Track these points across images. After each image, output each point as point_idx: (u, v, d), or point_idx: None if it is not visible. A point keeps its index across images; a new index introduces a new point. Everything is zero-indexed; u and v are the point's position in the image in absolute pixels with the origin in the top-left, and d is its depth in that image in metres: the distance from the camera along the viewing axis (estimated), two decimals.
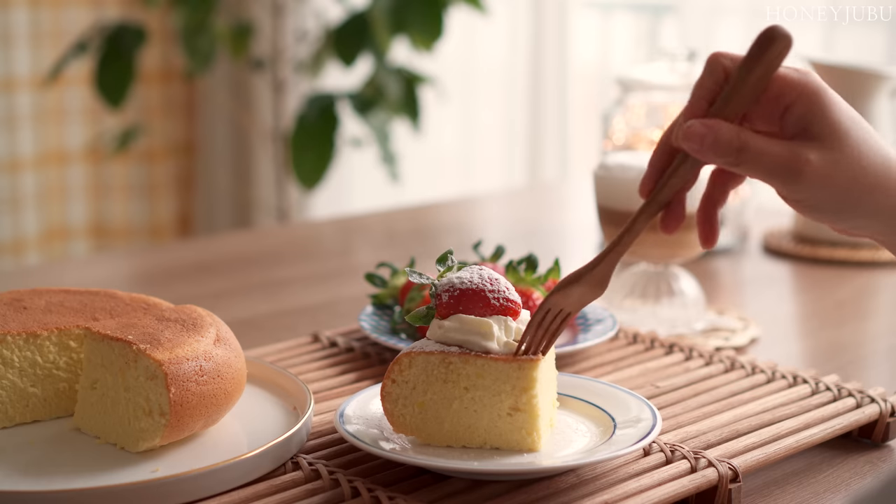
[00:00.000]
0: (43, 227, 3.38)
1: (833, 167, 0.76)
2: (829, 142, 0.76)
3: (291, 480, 0.83)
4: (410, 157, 3.38)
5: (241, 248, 1.79)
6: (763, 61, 0.77)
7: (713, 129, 0.76)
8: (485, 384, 0.85)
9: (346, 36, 2.84)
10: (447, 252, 0.90)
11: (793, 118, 0.77)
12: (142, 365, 0.86)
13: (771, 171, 0.76)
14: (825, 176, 0.76)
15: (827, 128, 0.76)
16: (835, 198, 0.77)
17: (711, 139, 0.76)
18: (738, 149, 0.76)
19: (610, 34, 3.38)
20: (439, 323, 0.87)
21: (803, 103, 0.77)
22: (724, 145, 0.76)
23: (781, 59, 0.77)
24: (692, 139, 0.77)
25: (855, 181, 0.76)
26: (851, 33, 2.76)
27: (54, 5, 3.30)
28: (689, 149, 0.77)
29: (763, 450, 0.90)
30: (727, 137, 0.76)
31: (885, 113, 1.61)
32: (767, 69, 0.77)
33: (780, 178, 0.77)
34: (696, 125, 0.77)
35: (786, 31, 0.76)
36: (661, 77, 1.58)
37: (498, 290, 0.86)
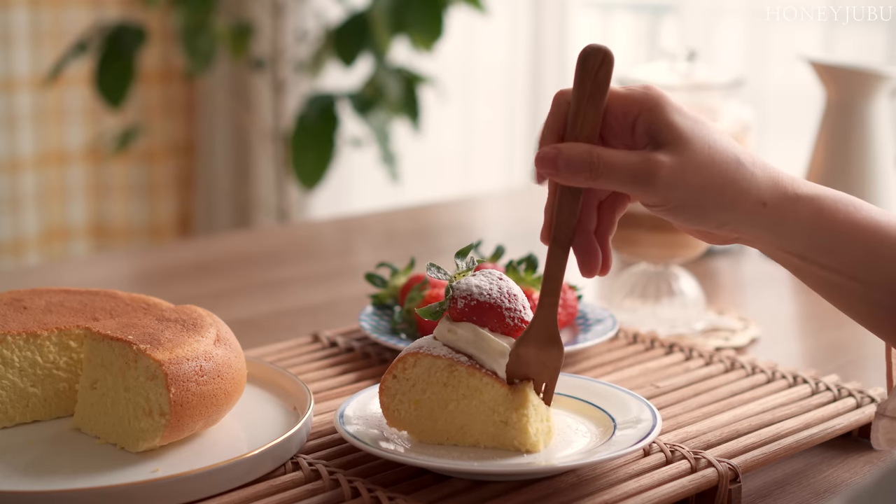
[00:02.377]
0: (43, 227, 3.38)
1: (685, 166, 0.79)
2: (677, 144, 0.80)
3: (291, 480, 0.84)
4: (410, 157, 3.38)
5: (241, 248, 1.79)
6: (588, 79, 0.80)
7: (562, 150, 0.80)
8: (483, 399, 0.85)
9: (346, 36, 2.84)
10: (468, 246, 0.89)
11: (640, 130, 0.81)
12: (142, 365, 0.86)
13: (627, 179, 0.79)
14: (678, 175, 0.79)
15: (672, 132, 0.80)
16: (692, 196, 0.80)
17: (564, 159, 0.79)
18: (591, 163, 0.79)
19: (610, 34, 3.38)
20: (450, 326, 0.86)
21: (647, 114, 0.81)
22: (576, 162, 0.79)
23: (605, 71, 0.81)
24: (545, 164, 0.80)
25: (709, 177, 0.80)
26: (851, 33, 2.76)
27: (54, 5, 3.30)
28: (547, 174, 0.80)
29: (763, 450, 0.90)
30: (578, 153, 0.79)
31: (885, 113, 1.61)
32: (595, 85, 0.80)
33: (637, 184, 0.80)
34: (545, 150, 0.80)
35: (600, 46, 0.81)
36: (661, 77, 1.58)
37: (515, 308, 0.86)
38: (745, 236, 0.84)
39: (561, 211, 0.82)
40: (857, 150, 1.59)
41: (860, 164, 1.59)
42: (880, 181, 1.60)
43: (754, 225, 0.82)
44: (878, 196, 1.60)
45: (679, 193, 0.80)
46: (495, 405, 0.84)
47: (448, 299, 0.86)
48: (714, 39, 2.99)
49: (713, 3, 3.00)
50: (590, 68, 0.81)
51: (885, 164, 1.61)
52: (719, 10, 3.00)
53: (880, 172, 1.60)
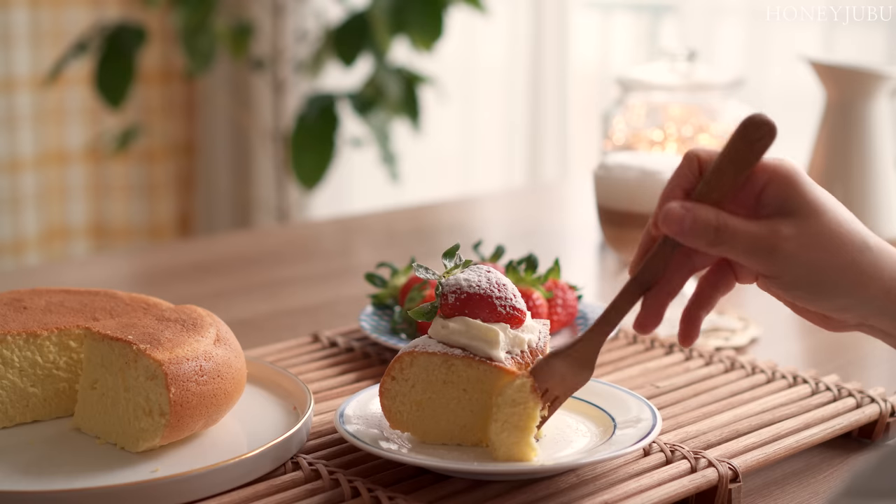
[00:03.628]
0: (43, 227, 3.38)
1: (808, 239, 0.77)
2: (805, 216, 0.77)
3: (291, 480, 0.84)
4: (410, 157, 3.38)
5: (241, 248, 1.78)
6: (745, 147, 0.78)
7: (691, 210, 0.77)
8: (484, 389, 0.85)
9: (346, 36, 2.84)
10: (454, 247, 0.89)
11: (768, 198, 0.78)
12: (142, 365, 0.86)
13: (749, 249, 0.77)
14: (801, 248, 0.77)
15: (802, 203, 0.78)
16: (813, 272, 0.77)
17: (690, 220, 0.77)
18: (717, 228, 0.77)
19: (610, 34, 3.38)
20: (443, 322, 0.86)
21: (778, 183, 0.78)
22: (702, 226, 0.77)
23: (763, 146, 0.77)
24: (671, 222, 0.78)
25: (833, 254, 0.77)
26: (851, 33, 2.76)
27: (54, 5, 3.30)
28: (669, 231, 0.78)
29: (763, 450, 0.90)
30: (705, 218, 0.77)
31: (885, 113, 1.61)
32: (749, 155, 0.78)
33: (758, 255, 0.77)
34: (674, 207, 0.78)
35: (768, 120, 0.77)
36: (661, 77, 1.58)
37: (505, 297, 0.86)
38: (866, 324, 0.81)
39: (655, 257, 0.80)
40: (857, 150, 1.59)
41: (860, 164, 1.59)
42: (880, 181, 1.60)
43: (878, 312, 0.79)
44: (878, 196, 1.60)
45: (799, 268, 0.77)
46: (496, 390, 0.84)
47: (439, 297, 0.87)
48: (714, 39, 2.99)
49: (713, 3, 3.00)
50: (750, 137, 0.77)
51: (885, 164, 1.61)
52: (719, 10, 3.00)
53: (880, 172, 1.60)
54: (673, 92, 1.56)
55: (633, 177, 1.22)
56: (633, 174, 1.22)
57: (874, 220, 1.58)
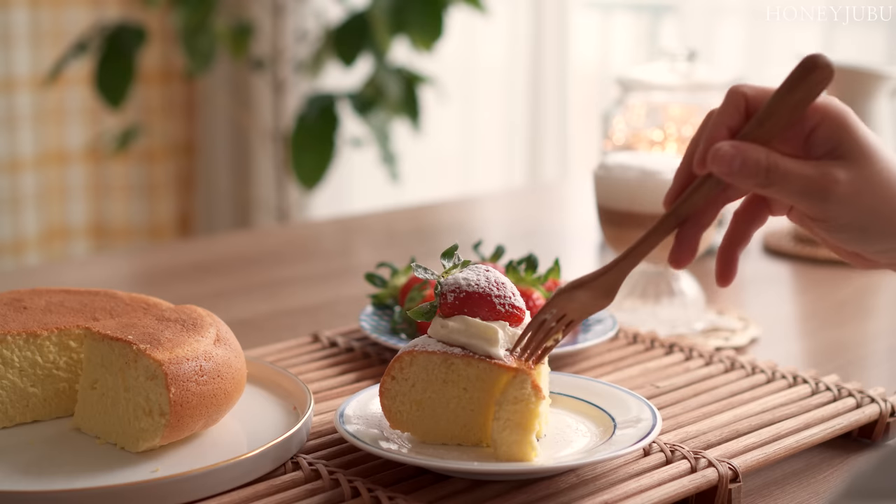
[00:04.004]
0: (43, 227, 3.38)
1: (861, 185, 0.76)
2: (857, 160, 0.76)
3: (291, 480, 0.83)
4: (410, 157, 3.38)
5: (241, 248, 1.79)
6: (803, 88, 0.76)
7: (741, 150, 0.76)
8: (484, 387, 0.85)
9: (346, 36, 2.84)
10: (453, 247, 0.89)
11: (819, 140, 0.77)
12: (142, 365, 0.86)
13: (800, 191, 0.76)
14: (853, 193, 0.76)
15: (855, 147, 0.76)
16: (862, 216, 0.77)
17: (740, 161, 0.76)
18: (767, 169, 0.76)
19: (610, 34, 3.38)
20: (442, 322, 0.86)
21: (829, 125, 0.77)
22: (752, 166, 0.76)
23: (821, 88, 0.76)
24: (721, 162, 0.76)
25: (883, 200, 0.76)
26: (851, 33, 2.76)
27: (54, 5, 3.30)
28: (718, 171, 0.76)
29: (763, 450, 0.90)
30: (755, 158, 0.76)
31: (885, 113, 1.61)
32: (806, 96, 0.76)
33: (810, 198, 0.76)
34: (724, 147, 0.76)
35: (827, 61, 0.76)
36: (661, 77, 1.58)
37: (504, 295, 0.86)
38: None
39: (697, 191, 0.79)
40: None
41: None
42: None
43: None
44: None
45: (849, 212, 0.76)
46: (496, 388, 0.84)
47: (438, 296, 0.87)
48: (714, 39, 2.99)
49: (713, 3, 3.00)
50: (811, 80, 0.76)
51: None
52: (719, 10, 3.00)
53: None
54: (673, 92, 1.56)
55: (633, 177, 1.22)
56: (633, 174, 1.22)
57: None
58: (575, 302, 0.82)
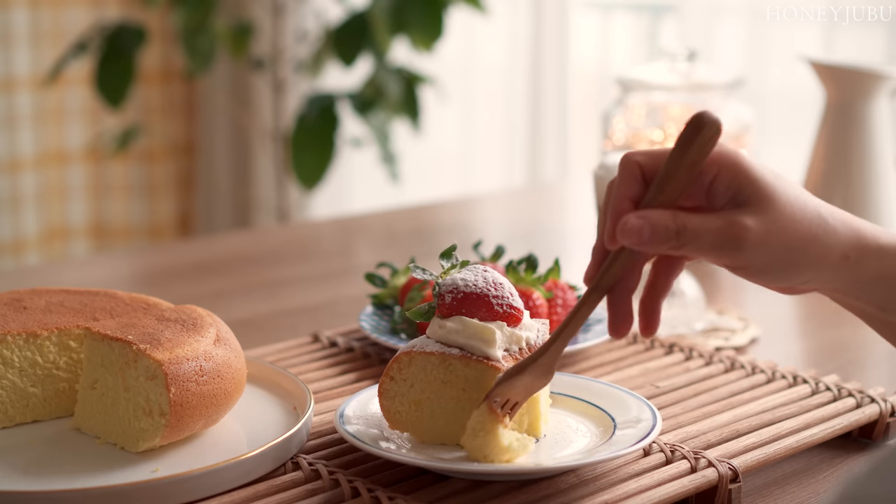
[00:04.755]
0: (43, 227, 3.38)
1: (770, 227, 0.77)
2: (761, 204, 0.77)
3: (291, 480, 0.84)
4: (410, 157, 3.38)
5: (241, 248, 1.78)
6: (695, 147, 0.77)
7: (648, 218, 0.76)
8: (482, 387, 0.85)
9: (346, 36, 2.84)
10: (451, 247, 0.89)
11: (719, 189, 0.78)
12: (142, 365, 0.86)
13: (713, 246, 0.77)
14: (765, 237, 0.76)
15: (755, 191, 0.77)
16: (779, 257, 0.77)
17: (649, 230, 0.76)
18: (677, 232, 0.76)
19: (610, 34, 3.38)
20: (441, 322, 0.86)
21: (726, 173, 0.77)
22: (662, 233, 0.76)
23: (712, 144, 0.77)
24: (630, 235, 0.76)
25: (794, 237, 0.77)
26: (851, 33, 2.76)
27: (54, 5, 3.30)
28: (630, 244, 0.77)
29: (763, 450, 0.90)
30: (663, 224, 0.76)
31: (885, 113, 1.61)
32: (699, 155, 0.77)
33: (724, 249, 0.77)
34: (631, 220, 0.77)
35: (714, 118, 0.77)
36: (661, 77, 1.58)
37: (502, 295, 0.86)
38: (824, 287, 0.82)
39: (614, 263, 0.79)
40: (857, 150, 1.59)
41: (860, 164, 1.59)
42: (880, 181, 1.60)
43: (837, 279, 0.80)
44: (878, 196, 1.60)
45: (765, 256, 0.77)
46: None
47: (436, 297, 0.87)
48: (714, 39, 2.99)
49: (713, 3, 3.00)
50: (701, 138, 0.76)
51: (885, 164, 1.61)
52: (719, 10, 3.00)
53: (880, 172, 1.60)
54: (673, 92, 1.56)
55: None
56: None
57: (874, 221, 1.58)
58: (517, 388, 0.82)
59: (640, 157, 0.79)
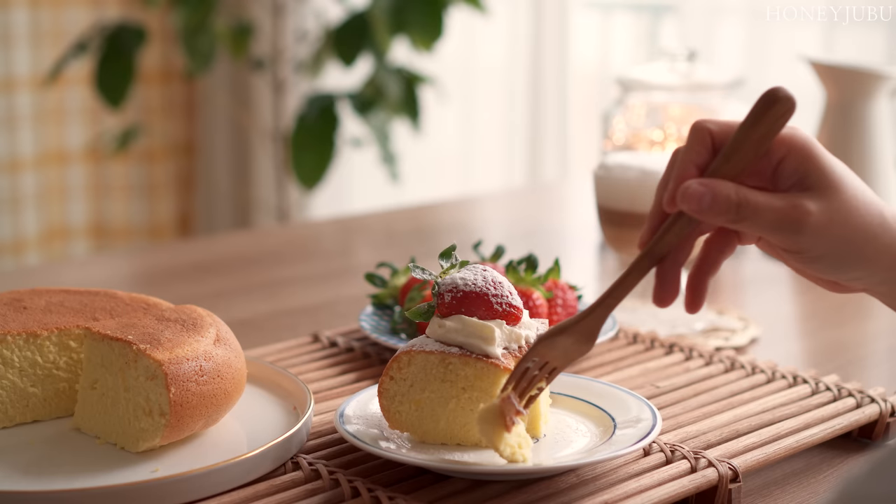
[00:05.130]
0: (43, 227, 3.38)
1: (832, 215, 0.76)
2: (827, 191, 0.76)
3: (291, 480, 0.84)
4: (410, 157, 3.38)
5: (241, 248, 1.79)
6: (766, 121, 0.76)
7: (711, 187, 0.76)
8: (482, 386, 0.85)
9: (346, 36, 2.84)
10: (450, 247, 0.89)
11: (786, 172, 0.77)
12: (142, 365, 0.86)
13: (773, 225, 0.76)
14: (826, 225, 0.76)
15: (822, 178, 0.77)
16: (836, 247, 0.77)
17: (710, 198, 0.76)
18: (738, 205, 0.76)
19: (610, 34, 3.38)
20: (440, 322, 0.86)
21: (795, 156, 0.77)
22: (723, 203, 0.76)
23: (784, 121, 0.76)
24: (690, 200, 0.76)
25: (854, 229, 0.77)
26: (851, 33, 2.76)
27: (54, 5, 3.30)
28: (689, 209, 0.76)
29: (763, 450, 0.90)
30: (725, 194, 0.76)
31: (885, 113, 1.61)
32: (769, 130, 0.76)
33: (783, 231, 0.76)
34: (693, 185, 0.76)
35: (788, 94, 0.76)
36: (661, 77, 1.58)
37: (501, 294, 0.86)
38: (873, 289, 0.81)
39: (669, 230, 0.79)
40: (857, 150, 1.59)
41: (860, 164, 1.59)
42: (880, 181, 1.60)
43: (888, 281, 0.80)
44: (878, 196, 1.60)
45: (823, 244, 0.77)
46: (495, 387, 0.84)
47: (436, 297, 0.87)
48: (714, 39, 2.99)
49: (713, 3, 3.00)
50: (773, 113, 0.76)
51: (885, 164, 1.61)
52: (719, 10, 3.00)
53: (880, 172, 1.60)
54: (673, 92, 1.56)
55: (633, 177, 1.22)
56: (633, 174, 1.22)
57: None
58: (556, 349, 0.81)
59: (712, 126, 0.78)
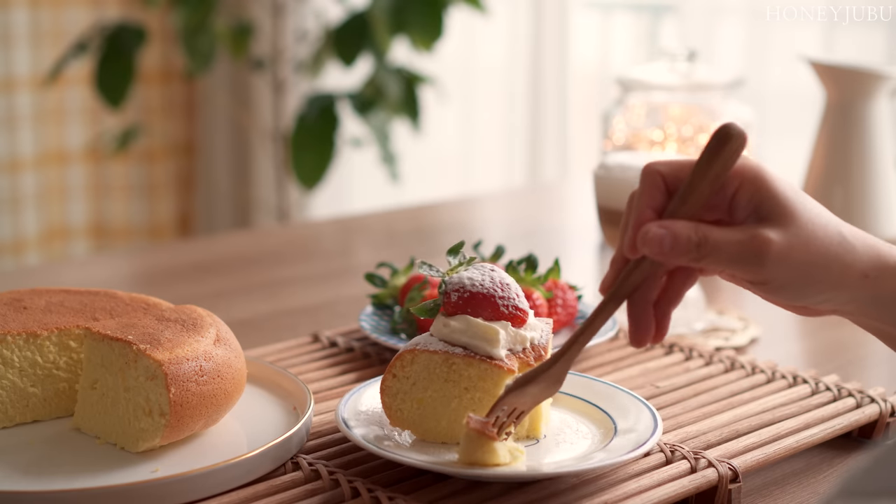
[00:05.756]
0: (43, 227, 3.38)
1: (792, 241, 0.76)
2: (783, 219, 0.77)
3: (291, 480, 0.84)
4: (410, 157, 3.38)
5: (241, 248, 1.78)
6: (720, 159, 0.76)
7: (670, 229, 0.76)
8: (485, 387, 0.85)
9: (346, 36, 2.84)
10: (459, 244, 0.89)
11: (741, 203, 0.78)
12: (142, 365, 0.86)
13: (734, 259, 0.76)
14: (787, 252, 0.76)
15: (777, 206, 0.77)
16: (800, 272, 0.77)
17: (670, 240, 0.76)
18: (698, 244, 0.76)
19: (610, 34, 3.38)
20: (445, 321, 0.86)
21: (748, 187, 0.77)
22: (683, 244, 0.76)
23: (737, 156, 0.77)
24: (651, 244, 0.76)
25: (816, 253, 0.77)
26: (851, 33, 2.76)
27: (54, 5, 3.30)
28: (650, 253, 0.76)
29: (763, 450, 0.90)
30: (686, 235, 0.76)
31: (885, 113, 1.61)
32: (724, 167, 0.77)
33: (745, 264, 0.77)
34: (652, 229, 0.76)
35: (740, 130, 0.77)
36: (661, 77, 1.58)
37: (508, 296, 0.86)
38: (842, 309, 0.81)
39: (632, 272, 0.79)
40: (857, 150, 1.59)
41: (860, 164, 1.59)
42: (880, 181, 1.60)
43: (855, 299, 0.79)
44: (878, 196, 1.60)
45: (786, 272, 0.77)
46: (497, 388, 0.84)
47: (442, 295, 0.87)
48: (714, 39, 2.99)
49: (713, 3, 3.00)
50: (728, 150, 0.76)
51: (885, 164, 1.61)
52: (719, 10, 3.00)
53: (880, 172, 1.60)
54: (673, 92, 1.57)
55: (633, 177, 1.22)
56: (633, 174, 1.22)
57: (874, 221, 1.58)
58: (526, 396, 0.82)
59: (663, 168, 0.79)
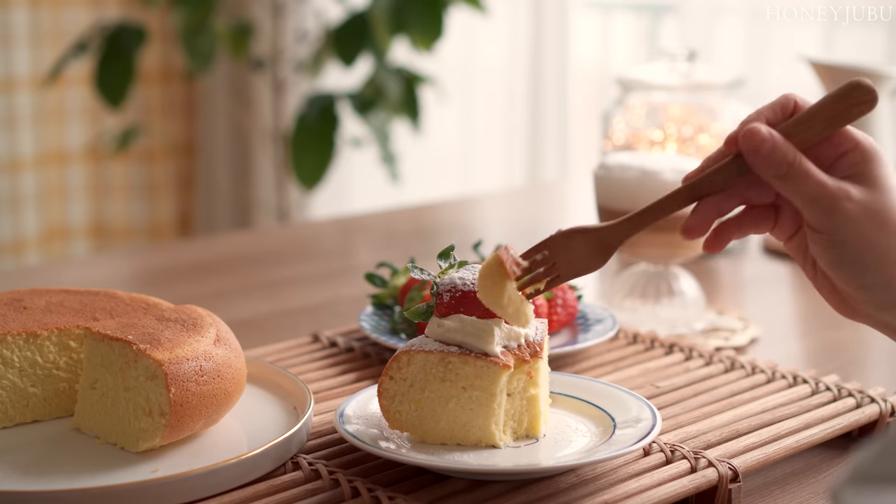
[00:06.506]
0: (43, 227, 3.38)
1: (869, 210, 0.78)
2: (873, 189, 0.78)
3: (291, 480, 0.84)
4: (410, 157, 3.38)
5: (241, 248, 1.78)
6: (844, 102, 0.78)
7: (775, 138, 0.78)
8: (482, 385, 0.85)
9: (346, 36, 2.84)
10: (449, 247, 0.89)
11: (845, 164, 0.79)
12: (142, 365, 0.86)
13: (812, 196, 0.78)
14: (859, 214, 0.78)
15: (875, 178, 0.79)
16: (859, 240, 0.78)
17: (770, 145, 0.78)
18: (791, 163, 0.77)
19: (610, 34, 3.38)
20: (439, 321, 0.87)
21: (859, 153, 0.79)
22: (779, 156, 0.77)
23: (860, 110, 0.78)
24: (752, 139, 0.78)
25: (883, 233, 0.78)
26: (851, 33, 2.76)
27: (54, 5, 3.30)
28: (747, 147, 0.78)
29: (763, 450, 0.90)
30: (784, 149, 0.78)
31: (885, 113, 1.61)
32: (845, 112, 0.78)
33: (818, 206, 0.78)
34: (761, 128, 0.78)
35: (873, 88, 0.78)
36: (661, 77, 1.58)
37: None
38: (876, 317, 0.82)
39: (718, 171, 0.80)
40: None
41: None
42: None
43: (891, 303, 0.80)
44: None
45: (849, 231, 0.78)
46: (494, 385, 0.84)
47: (434, 297, 0.87)
48: (714, 39, 2.99)
49: (713, 3, 3.00)
50: (852, 100, 0.78)
51: None
52: (719, 10, 3.00)
53: None
54: (673, 92, 1.56)
55: (633, 177, 1.22)
56: (633, 174, 1.22)
57: None
58: (569, 251, 0.82)
59: (799, 99, 0.81)
